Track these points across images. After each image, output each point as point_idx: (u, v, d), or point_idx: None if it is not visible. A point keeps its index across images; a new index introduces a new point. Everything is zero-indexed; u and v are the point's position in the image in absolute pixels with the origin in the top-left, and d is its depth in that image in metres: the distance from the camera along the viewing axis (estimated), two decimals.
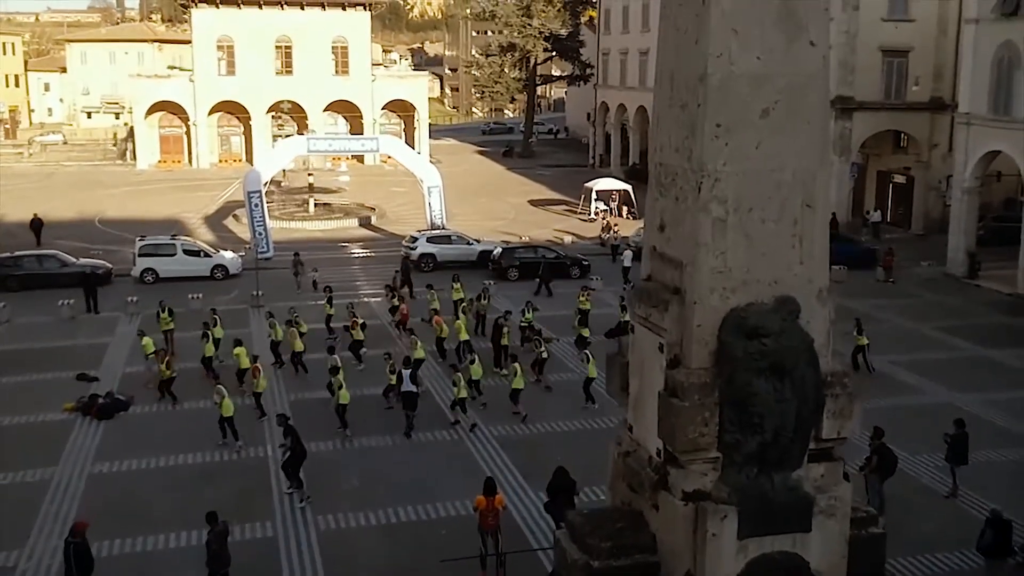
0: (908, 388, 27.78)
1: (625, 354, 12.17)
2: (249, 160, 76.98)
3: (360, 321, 30.19)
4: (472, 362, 26.15)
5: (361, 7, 77.01)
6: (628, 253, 40.73)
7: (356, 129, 79.07)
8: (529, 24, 78.35)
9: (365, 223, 55.12)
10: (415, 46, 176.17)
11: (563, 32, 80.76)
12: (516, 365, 25.53)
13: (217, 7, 73.96)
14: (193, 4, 74.23)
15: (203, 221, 55.35)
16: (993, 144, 40.21)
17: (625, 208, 55.91)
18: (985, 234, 45.03)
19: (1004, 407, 26.08)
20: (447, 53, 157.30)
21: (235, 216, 55.11)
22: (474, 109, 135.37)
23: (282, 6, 74.69)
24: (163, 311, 30.51)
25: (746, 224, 10.74)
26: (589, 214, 55.46)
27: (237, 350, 27.17)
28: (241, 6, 74.11)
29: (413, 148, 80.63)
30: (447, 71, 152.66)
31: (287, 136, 79.67)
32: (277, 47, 75.62)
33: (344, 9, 76.27)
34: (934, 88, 49.92)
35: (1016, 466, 22.50)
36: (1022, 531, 19.06)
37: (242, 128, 78.17)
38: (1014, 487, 21.18)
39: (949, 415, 24.38)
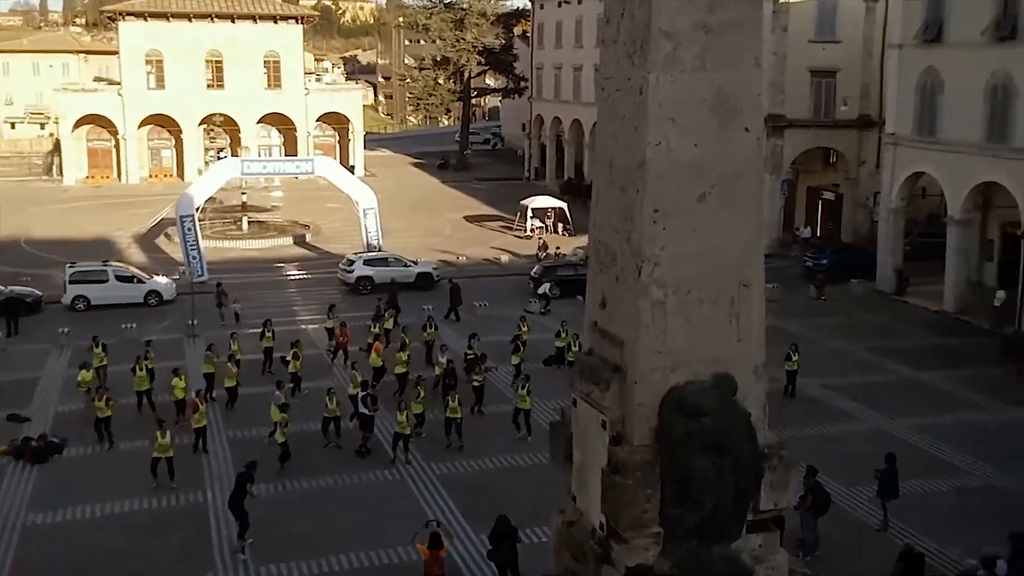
0: (842, 415, 28.41)
1: (568, 424, 12.35)
2: (180, 175, 76.03)
3: (299, 353, 30.02)
4: (416, 397, 26.12)
5: (293, 21, 76.44)
6: (546, 285, 40.28)
7: (290, 141, 78.46)
8: (462, 38, 78.45)
9: (300, 241, 54.78)
10: (348, 54, 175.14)
11: (496, 45, 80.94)
12: (455, 395, 25.76)
13: (145, 20, 72.80)
14: (120, 18, 73.01)
15: (135, 241, 54.45)
16: (918, 165, 41.30)
17: (561, 225, 56.25)
18: (911, 249, 46.20)
19: (932, 432, 26.84)
20: (380, 61, 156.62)
21: (167, 235, 54.32)
22: (410, 118, 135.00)
23: (212, 19, 73.76)
24: (96, 346, 29.92)
25: (685, 305, 10.99)
26: (525, 231, 55.68)
27: (175, 380, 26.88)
28: (170, 19, 73.03)
29: (348, 160, 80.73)
30: (380, 79, 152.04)
31: (219, 149, 78.92)
32: (208, 61, 74.66)
33: (276, 23, 75.59)
34: (861, 106, 51.07)
35: (944, 496, 23.17)
36: (949, 563, 19.74)
37: (173, 141, 76.99)
38: (945, 518, 21.83)
39: (882, 443, 25.10)
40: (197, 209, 44.32)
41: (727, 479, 11.09)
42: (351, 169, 79.05)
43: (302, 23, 77.61)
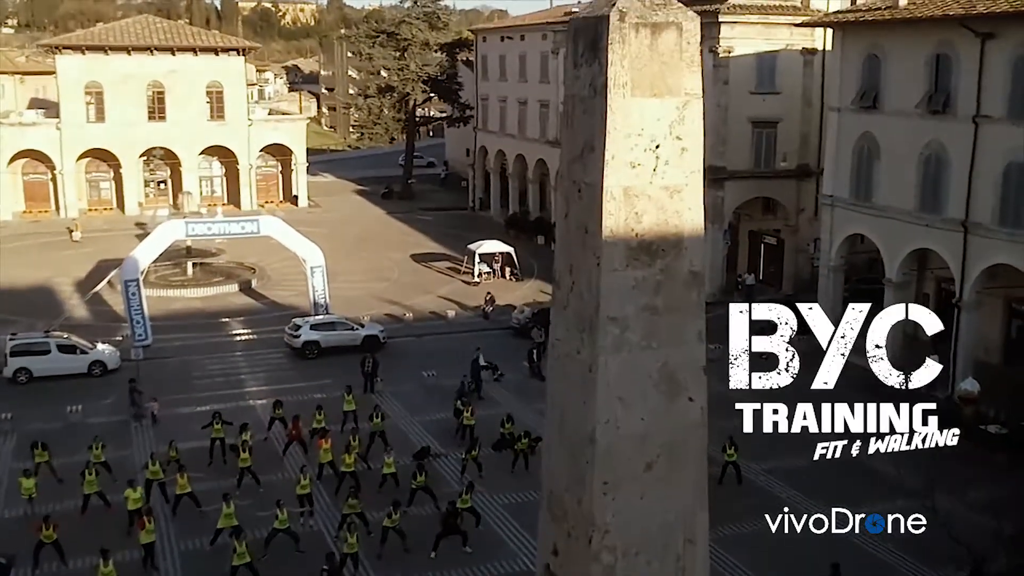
0: (784, 507, 28.87)
1: None
2: (120, 207, 75.12)
3: (249, 443, 29.86)
4: (348, 496, 26.13)
5: (235, 52, 75.73)
6: (479, 354, 39.58)
7: (232, 172, 77.81)
8: (406, 67, 78.36)
9: (245, 287, 54.49)
10: (289, 63, 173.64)
11: (441, 73, 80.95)
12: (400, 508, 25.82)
13: (83, 53, 71.67)
14: (57, 51, 71.83)
15: (75, 289, 53.72)
16: (855, 227, 42.21)
17: (508, 270, 56.54)
18: (850, 296, 47.19)
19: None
20: (323, 72, 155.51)
21: (110, 283, 53.61)
22: (355, 136, 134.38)
23: (152, 52, 72.79)
24: (40, 449, 29.37)
25: (633, 566, 11.36)
26: (473, 276, 55.86)
27: (128, 492, 26.52)
28: (109, 52, 71.94)
29: (291, 190, 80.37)
30: (324, 90, 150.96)
31: (159, 182, 78.24)
32: (149, 93, 73.67)
33: (217, 55, 74.79)
34: (800, 156, 52.00)
35: None
36: None
37: (112, 174, 75.88)
38: None
39: (826, 543, 25.67)
40: (141, 273, 43.91)
41: None
42: (295, 200, 79.07)
43: (243, 55, 76.89)
